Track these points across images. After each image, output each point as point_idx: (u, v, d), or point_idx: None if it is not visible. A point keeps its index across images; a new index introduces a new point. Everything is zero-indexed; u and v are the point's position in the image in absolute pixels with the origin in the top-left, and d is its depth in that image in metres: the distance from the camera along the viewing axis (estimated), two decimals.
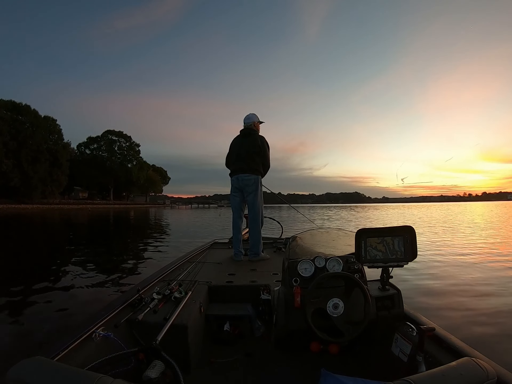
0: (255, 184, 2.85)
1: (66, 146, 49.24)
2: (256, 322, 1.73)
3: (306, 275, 1.40)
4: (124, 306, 1.46)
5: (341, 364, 1.42)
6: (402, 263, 1.32)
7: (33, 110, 42.94)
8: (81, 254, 6.25)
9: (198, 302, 1.64)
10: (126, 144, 64.16)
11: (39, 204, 40.48)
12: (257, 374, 1.41)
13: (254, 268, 2.45)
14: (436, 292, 3.38)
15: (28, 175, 39.86)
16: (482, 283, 3.71)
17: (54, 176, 45.08)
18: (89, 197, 60.74)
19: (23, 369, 0.70)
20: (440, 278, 3.98)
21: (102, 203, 55.35)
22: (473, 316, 2.66)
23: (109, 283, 3.86)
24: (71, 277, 4.13)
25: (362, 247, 1.35)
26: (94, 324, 1.20)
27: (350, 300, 1.27)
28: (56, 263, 5.32)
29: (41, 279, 4.10)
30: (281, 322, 1.33)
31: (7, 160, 37.06)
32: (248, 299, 1.85)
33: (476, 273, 4.25)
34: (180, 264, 2.43)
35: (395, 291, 1.37)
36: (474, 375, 0.73)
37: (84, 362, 1.02)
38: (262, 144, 2.89)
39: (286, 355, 1.51)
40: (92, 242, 8.60)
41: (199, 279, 1.97)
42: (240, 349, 1.62)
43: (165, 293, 1.63)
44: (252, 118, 3.03)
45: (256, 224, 2.90)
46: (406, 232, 1.32)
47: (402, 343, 1.17)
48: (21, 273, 4.48)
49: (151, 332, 1.23)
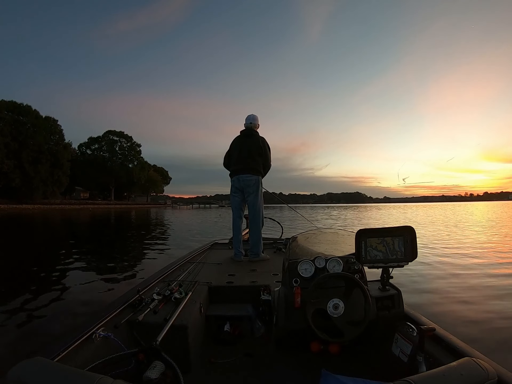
0: (256, 184, 2.85)
1: (67, 147, 49.29)
2: (257, 323, 1.72)
3: (306, 275, 1.40)
4: (125, 307, 1.47)
5: (341, 364, 1.41)
6: (402, 263, 1.32)
7: (34, 111, 43.01)
8: (82, 254, 6.26)
9: (199, 302, 1.64)
10: (127, 144, 64.19)
11: (40, 205, 40.51)
12: (258, 374, 1.41)
13: (254, 268, 2.45)
14: (441, 292, 3.37)
15: (29, 175, 39.93)
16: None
17: (55, 177, 45.16)
18: (90, 197, 60.82)
19: (23, 370, 0.70)
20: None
21: (103, 203, 55.38)
22: (474, 316, 2.65)
23: (109, 283, 3.86)
24: (71, 277, 4.14)
25: (362, 248, 1.35)
26: (94, 325, 1.21)
27: (350, 301, 1.27)
28: (57, 263, 5.33)
29: (41, 279, 4.12)
30: (281, 323, 1.33)
31: (8, 160, 37.14)
32: (248, 299, 1.85)
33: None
34: (181, 264, 2.43)
35: (395, 291, 1.37)
36: (475, 375, 0.73)
37: (84, 362, 1.02)
38: (263, 145, 2.90)
39: (286, 355, 1.51)
40: (93, 243, 8.62)
41: (200, 280, 1.97)
42: (241, 349, 1.62)
43: (165, 294, 1.63)
44: (254, 120, 3.04)
45: (256, 224, 2.90)
46: (406, 232, 1.32)
47: (403, 343, 1.17)
48: (21, 273, 4.49)
49: (152, 332, 1.23)
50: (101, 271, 4.49)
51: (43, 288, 3.64)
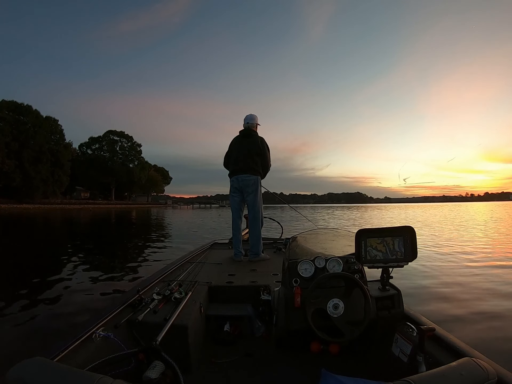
0: (254, 184, 2.85)
1: (68, 146, 49.35)
2: (256, 322, 1.73)
3: (306, 275, 1.40)
4: (124, 307, 1.47)
5: (341, 364, 1.41)
6: (402, 263, 1.32)
7: (35, 111, 43.07)
8: (82, 254, 6.26)
9: (198, 302, 1.64)
10: (127, 144, 64.23)
11: (41, 204, 40.57)
12: (258, 374, 1.41)
13: (254, 268, 2.45)
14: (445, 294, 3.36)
15: (29, 175, 39.98)
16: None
17: (56, 176, 45.21)
18: (91, 197, 60.82)
19: (23, 370, 0.70)
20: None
21: (103, 203, 55.41)
22: (473, 317, 2.64)
23: (109, 283, 3.86)
24: (71, 277, 4.14)
25: (362, 248, 1.35)
26: (94, 325, 1.21)
27: (350, 301, 1.27)
28: (57, 263, 5.34)
29: (42, 279, 4.11)
30: (281, 323, 1.33)
31: (9, 160, 37.20)
32: (248, 299, 1.85)
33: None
34: (180, 264, 2.43)
35: (395, 291, 1.37)
36: (475, 375, 0.73)
37: (84, 362, 1.02)
38: (262, 145, 2.89)
39: (286, 355, 1.51)
40: (93, 242, 8.62)
41: (199, 280, 1.97)
42: (240, 349, 1.62)
43: (165, 294, 1.63)
44: (253, 119, 3.04)
45: (256, 224, 2.90)
46: (406, 232, 1.32)
47: (403, 343, 1.17)
48: (21, 273, 4.48)
49: (151, 332, 1.23)
50: (101, 271, 4.48)
51: (43, 287, 3.63)
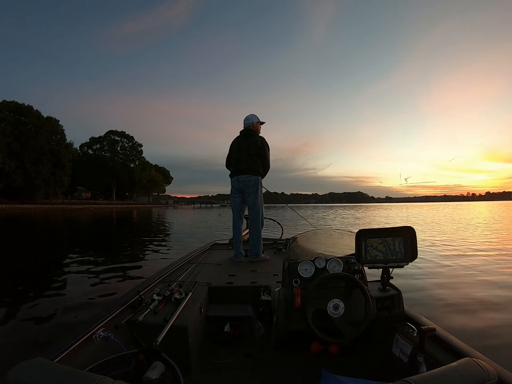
0: (255, 185, 2.84)
1: (69, 147, 49.44)
2: (257, 323, 1.72)
3: (307, 276, 1.40)
4: (125, 307, 1.47)
5: (341, 365, 1.41)
6: (402, 263, 1.31)
7: (36, 111, 43.16)
8: (82, 254, 6.26)
9: (199, 303, 1.64)
10: (128, 144, 64.33)
11: (42, 205, 40.66)
12: (258, 374, 1.41)
13: (255, 269, 2.45)
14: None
15: (31, 176, 40.09)
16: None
17: (57, 177, 45.31)
18: (92, 197, 60.93)
19: (23, 370, 0.70)
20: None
21: (104, 203, 55.48)
22: (474, 316, 2.64)
23: (109, 283, 3.86)
24: (71, 277, 4.15)
25: (362, 248, 1.34)
26: (94, 325, 1.21)
27: (351, 301, 1.26)
28: (57, 263, 5.35)
29: (42, 279, 4.13)
30: (281, 323, 1.33)
31: (10, 161, 37.31)
32: (248, 300, 1.85)
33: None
34: (181, 265, 2.43)
35: (396, 291, 1.37)
36: (475, 376, 0.73)
37: (85, 363, 1.02)
38: (262, 145, 2.88)
39: (286, 355, 1.51)
40: (94, 242, 8.64)
41: (200, 280, 1.97)
42: (241, 350, 1.62)
43: (165, 294, 1.63)
44: (252, 119, 3.02)
45: (256, 225, 2.90)
46: (407, 232, 1.31)
47: (403, 344, 1.17)
48: (22, 273, 4.50)
49: (152, 333, 1.23)
50: (101, 271, 4.49)
51: (43, 288, 3.64)
